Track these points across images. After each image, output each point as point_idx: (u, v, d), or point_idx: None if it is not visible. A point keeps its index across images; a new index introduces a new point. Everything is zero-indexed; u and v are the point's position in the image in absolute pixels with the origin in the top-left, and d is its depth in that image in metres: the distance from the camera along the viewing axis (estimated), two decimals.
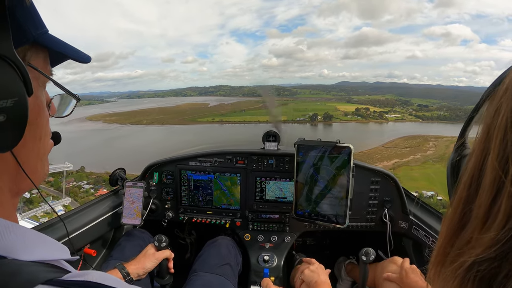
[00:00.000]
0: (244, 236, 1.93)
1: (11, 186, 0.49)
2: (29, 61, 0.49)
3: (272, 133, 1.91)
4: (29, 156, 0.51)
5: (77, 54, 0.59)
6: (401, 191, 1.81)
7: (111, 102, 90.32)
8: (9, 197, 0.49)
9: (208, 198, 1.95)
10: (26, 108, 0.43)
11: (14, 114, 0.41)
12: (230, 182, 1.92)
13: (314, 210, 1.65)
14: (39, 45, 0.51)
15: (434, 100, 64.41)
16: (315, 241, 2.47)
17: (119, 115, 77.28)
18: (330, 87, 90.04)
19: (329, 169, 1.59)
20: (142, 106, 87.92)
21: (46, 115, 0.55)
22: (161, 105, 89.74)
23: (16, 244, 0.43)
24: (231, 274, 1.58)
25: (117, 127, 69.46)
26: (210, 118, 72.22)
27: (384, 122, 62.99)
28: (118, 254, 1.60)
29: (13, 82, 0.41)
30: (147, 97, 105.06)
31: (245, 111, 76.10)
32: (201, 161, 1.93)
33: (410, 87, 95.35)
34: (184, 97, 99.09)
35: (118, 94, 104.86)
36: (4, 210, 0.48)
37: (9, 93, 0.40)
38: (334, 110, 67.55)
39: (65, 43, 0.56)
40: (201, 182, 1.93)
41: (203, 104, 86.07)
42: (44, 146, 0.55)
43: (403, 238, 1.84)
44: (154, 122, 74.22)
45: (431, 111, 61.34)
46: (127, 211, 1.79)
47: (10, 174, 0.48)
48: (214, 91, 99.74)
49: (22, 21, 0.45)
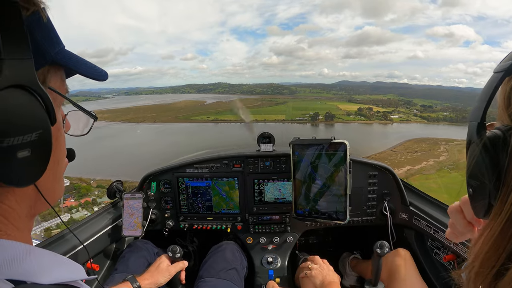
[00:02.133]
0: (246, 240, 1.92)
1: (29, 211, 0.48)
2: (49, 84, 0.47)
3: (267, 134, 1.91)
4: (47, 180, 0.48)
5: (93, 71, 0.56)
6: (399, 183, 1.82)
7: (108, 99, 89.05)
8: (26, 221, 0.48)
9: (207, 204, 1.94)
10: (50, 139, 0.41)
11: (39, 147, 0.39)
12: (228, 186, 1.91)
13: (314, 208, 1.65)
14: (57, 64, 0.48)
15: (436, 101, 62.50)
16: (318, 239, 2.48)
17: (112, 112, 75.16)
18: (330, 86, 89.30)
19: (326, 166, 1.59)
20: (137, 103, 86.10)
21: (63, 136, 0.53)
22: (157, 102, 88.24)
23: (34, 267, 0.42)
24: (237, 279, 1.57)
25: (106, 125, 66.81)
26: (204, 117, 70.08)
27: (389, 123, 60.38)
28: (123, 266, 1.59)
29: (37, 114, 0.39)
30: (145, 94, 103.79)
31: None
32: (197, 167, 1.92)
33: (411, 88, 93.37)
34: (181, 94, 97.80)
35: (117, 90, 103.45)
36: (21, 234, 0.47)
37: (33, 126, 0.38)
38: (336, 109, 65.20)
39: (81, 59, 0.53)
40: (199, 188, 1.93)
41: (200, 102, 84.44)
42: (61, 168, 0.53)
43: (405, 229, 1.84)
44: (146, 120, 72.65)
45: (436, 112, 59.32)
46: (127, 223, 1.78)
47: (29, 201, 0.47)
48: (212, 89, 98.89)
49: (41, 41, 0.43)
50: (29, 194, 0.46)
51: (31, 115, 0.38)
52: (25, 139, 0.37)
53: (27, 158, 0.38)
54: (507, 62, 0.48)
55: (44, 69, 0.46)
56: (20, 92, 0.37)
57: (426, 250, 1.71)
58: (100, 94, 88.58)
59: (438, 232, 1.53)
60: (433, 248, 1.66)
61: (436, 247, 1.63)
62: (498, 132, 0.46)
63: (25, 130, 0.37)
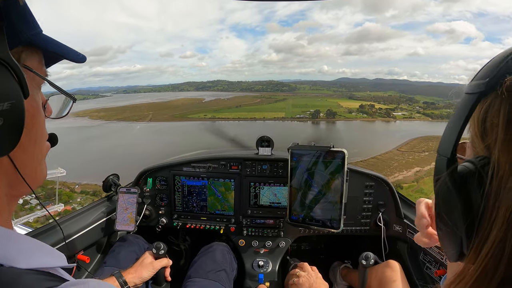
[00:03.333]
0: (238, 242, 1.92)
1: (8, 191, 0.48)
2: (24, 63, 0.49)
3: (266, 138, 1.92)
4: (26, 159, 0.50)
5: (71, 53, 0.58)
6: (395, 194, 1.82)
7: (107, 97, 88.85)
8: (6, 203, 0.49)
9: (202, 204, 1.94)
10: (23, 110, 0.42)
11: (11, 117, 0.40)
12: (224, 187, 1.91)
13: (309, 215, 1.65)
14: (34, 46, 0.50)
15: (437, 97, 61.03)
16: (310, 246, 2.47)
17: (108, 111, 75.10)
18: (330, 83, 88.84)
19: (323, 174, 1.59)
20: (135, 101, 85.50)
21: (42, 116, 0.54)
22: (155, 100, 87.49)
23: (13, 251, 0.42)
24: (226, 280, 1.57)
25: (101, 123, 66.67)
26: (202, 115, 69.01)
27: (392, 120, 58.78)
28: (113, 260, 1.58)
29: (9, 85, 0.40)
30: (144, 92, 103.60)
31: (241, 106, 73.63)
32: (194, 166, 1.92)
33: (412, 84, 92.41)
34: (180, 92, 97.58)
35: (116, 89, 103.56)
36: (1, 216, 0.47)
37: (5, 96, 0.39)
38: (337, 106, 63.79)
39: (59, 42, 0.55)
40: (195, 187, 1.93)
41: (198, 99, 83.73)
42: (41, 149, 0.54)
43: (398, 242, 1.84)
44: (141, 119, 71.98)
45: (439, 109, 57.98)
46: (121, 217, 1.78)
47: (7, 178, 0.48)
48: (211, 86, 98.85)
49: (16, 21, 0.45)
50: (5, 170, 0.47)
51: (2, 85, 0.39)
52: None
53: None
54: (479, 81, 0.41)
55: (19, 49, 0.48)
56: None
57: (418, 263, 1.71)
58: (98, 93, 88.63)
59: (430, 247, 1.53)
60: (425, 262, 1.65)
61: (428, 261, 1.63)
62: (470, 166, 0.39)
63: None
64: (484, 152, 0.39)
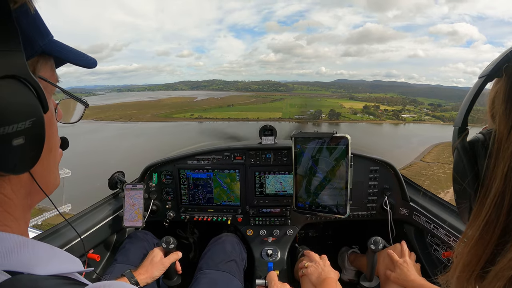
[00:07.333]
0: (246, 232, 1.93)
1: (25, 201, 0.48)
2: (39, 73, 0.48)
3: (269, 127, 1.91)
4: (41, 169, 0.49)
5: (83, 60, 0.56)
6: (400, 178, 1.82)
7: (99, 96, 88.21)
8: (22, 213, 0.48)
9: (208, 196, 1.95)
10: (43, 126, 0.42)
11: (32, 135, 0.40)
12: (229, 178, 1.91)
13: (315, 202, 1.66)
14: (46, 54, 0.49)
15: (439, 100, 60.50)
16: (317, 232, 2.49)
17: (91, 109, 74.34)
18: (328, 84, 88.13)
19: (327, 160, 1.59)
20: (124, 100, 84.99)
21: (56, 124, 0.53)
22: (144, 99, 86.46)
23: (31, 259, 0.42)
24: (236, 270, 1.59)
25: (77, 123, 67.11)
26: (188, 115, 68.07)
27: (401, 123, 56.23)
28: (123, 257, 1.60)
29: (30, 102, 0.39)
30: (137, 91, 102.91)
31: (233, 105, 71.80)
32: (199, 159, 1.92)
33: (411, 86, 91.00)
34: (173, 91, 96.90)
35: (111, 87, 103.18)
36: (18, 226, 0.47)
37: (27, 114, 0.39)
38: (340, 107, 61.37)
39: (72, 48, 0.54)
40: (200, 180, 1.93)
41: (190, 98, 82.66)
42: (55, 156, 0.54)
43: (405, 225, 1.85)
44: (122, 118, 71.01)
45: (449, 111, 56.19)
46: (128, 214, 1.79)
47: (25, 190, 0.47)
48: (206, 85, 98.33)
49: (29, 32, 0.44)
50: (24, 183, 0.46)
51: (24, 103, 0.39)
52: (19, 127, 0.38)
53: (22, 145, 0.39)
54: (488, 67, 0.49)
55: (34, 60, 0.47)
56: (13, 82, 0.38)
57: (425, 246, 1.72)
58: (92, 91, 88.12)
59: (437, 229, 1.53)
60: (432, 244, 1.66)
61: (435, 243, 1.63)
62: (480, 136, 0.48)
63: (19, 118, 0.38)
64: (491, 124, 0.48)
